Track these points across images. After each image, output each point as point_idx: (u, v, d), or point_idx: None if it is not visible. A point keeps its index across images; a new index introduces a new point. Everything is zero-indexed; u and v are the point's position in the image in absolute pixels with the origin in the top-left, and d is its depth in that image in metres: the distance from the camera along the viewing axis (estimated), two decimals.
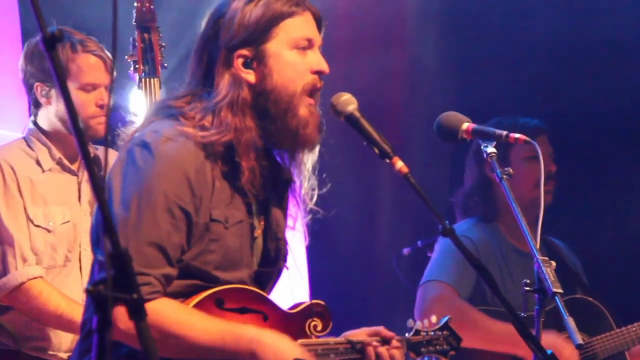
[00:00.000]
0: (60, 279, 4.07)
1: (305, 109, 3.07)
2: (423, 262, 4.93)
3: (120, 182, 2.98)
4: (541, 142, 4.80)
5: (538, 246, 3.00)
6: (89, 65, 4.09)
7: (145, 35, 4.30)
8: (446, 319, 3.43)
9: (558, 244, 5.04)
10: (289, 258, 3.26)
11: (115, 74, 4.09)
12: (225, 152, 3.03)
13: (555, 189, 4.87)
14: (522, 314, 2.92)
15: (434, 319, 3.43)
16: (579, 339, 2.88)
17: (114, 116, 4.06)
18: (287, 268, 3.25)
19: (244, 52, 3.06)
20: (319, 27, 3.15)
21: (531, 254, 2.98)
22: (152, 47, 4.29)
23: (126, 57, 4.30)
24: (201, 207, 2.99)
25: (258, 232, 3.15)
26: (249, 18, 3.05)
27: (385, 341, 3.25)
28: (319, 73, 3.10)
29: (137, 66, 4.31)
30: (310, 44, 3.10)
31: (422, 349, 3.38)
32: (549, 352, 2.82)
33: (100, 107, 4.08)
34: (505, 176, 3.07)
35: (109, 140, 3.96)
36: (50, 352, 4.07)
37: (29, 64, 4.12)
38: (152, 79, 4.25)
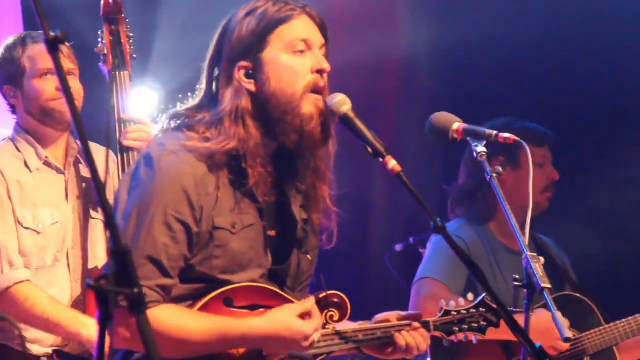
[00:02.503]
0: (49, 277, 4.09)
1: (310, 105, 3.12)
2: (415, 258, 4.98)
3: (125, 196, 3.10)
4: (547, 149, 4.86)
5: (527, 243, 3.06)
6: (39, 53, 4.12)
7: (113, 27, 4.27)
8: (483, 296, 3.44)
9: (547, 241, 5.08)
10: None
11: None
12: (230, 161, 3.11)
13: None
14: (512, 309, 2.98)
15: (470, 296, 3.46)
16: (567, 332, 2.94)
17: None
18: (310, 258, 3.30)
19: (244, 63, 3.13)
20: (322, 29, 3.18)
21: (521, 252, 3.04)
22: (120, 39, 4.27)
23: (95, 50, 4.28)
24: (202, 217, 3.08)
25: (272, 233, 3.21)
26: (246, 29, 3.12)
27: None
28: (320, 72, 3.14)
29: (106, 60, 4.27)
30: (308, 46, 3.14)
31: (454, 328, 3.41)
32: (537, 345, 2.88)
33: (57, 91, 4.09)
34: (494, 175, 3.14)
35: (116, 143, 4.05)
36: (37, 347, 4.09)
37: None
38: (122, 72, 4.26)
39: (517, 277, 3.03)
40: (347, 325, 3.29)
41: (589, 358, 4.77)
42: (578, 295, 4.86)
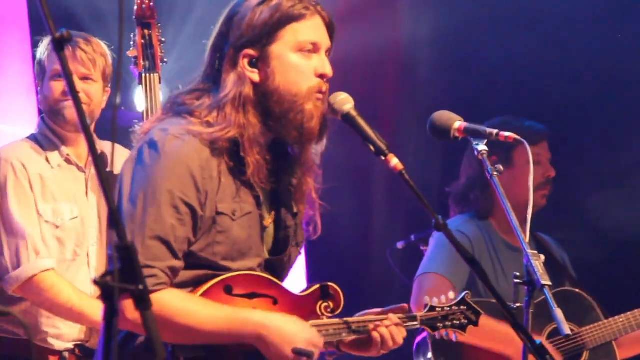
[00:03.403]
0: (70, 275, 4.15)
1: (311, 104, 3.16)
2: (416, 256, 5.00)
3: (130, 180, 3.10)
4: (542, 147, 4.89)
5: (527, 240, 3.08)
6: (55, 56, 4.17)
7: (146, 31, 4.36)
8: (464, 294, 3.49)
9: (546, 239, 5.11)
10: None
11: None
12: (230, 148, 3.14)
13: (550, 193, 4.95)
14: (512, 306, 3.00)
15: (451, 295, 3.49)
16: (567, 329, 2.97)
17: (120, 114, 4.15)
18: (300, 253, 3.35)
19: (250, 52, 3.15)
20: (331, 31, 3.21)
21: (521, 248, 3.07)
22: (152, 43, 4.35)
23: (127, 53, 4.38)
24: (207, 201, 3.10)
25: (268, 222, 3.24)
26: (257, 19, 3.14)
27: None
28: (322, 77, 3.17)
29: (137, 62, 4.37)
30: (315, 48, 3.17)
31: (438, 324, 3.44)
32: (537, 342, 2.91)
33: (64, 94, 4.18)
34: (495, 173, 3.16)
35: (116, 136, 4.09)
36: (60, 342, 4.15)
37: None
38: (152, 75, 4.32)
39: (518, 274, 3.06)
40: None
41: (588, 353, 4.81)
42: (577, 290, 4.89)
